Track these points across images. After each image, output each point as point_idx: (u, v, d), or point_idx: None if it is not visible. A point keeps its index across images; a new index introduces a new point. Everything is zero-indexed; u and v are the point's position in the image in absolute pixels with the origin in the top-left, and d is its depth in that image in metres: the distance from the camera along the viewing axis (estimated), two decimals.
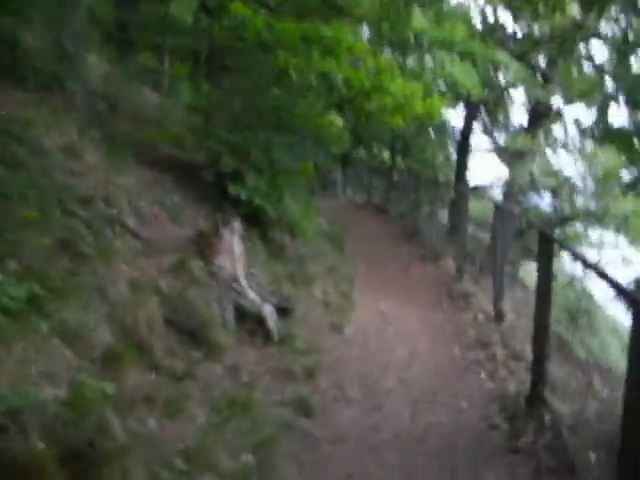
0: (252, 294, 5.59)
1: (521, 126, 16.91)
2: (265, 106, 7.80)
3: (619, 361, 7.61)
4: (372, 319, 7.94)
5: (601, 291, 5.98)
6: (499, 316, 7.25)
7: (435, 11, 11.65)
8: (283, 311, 6.14)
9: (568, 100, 12.55)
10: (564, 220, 11.87)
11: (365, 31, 11.38)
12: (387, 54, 11.05)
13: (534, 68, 12.94)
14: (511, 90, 15.05)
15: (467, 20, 12.25)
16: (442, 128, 19.35)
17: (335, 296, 8.23)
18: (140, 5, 12.50)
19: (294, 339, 5.93)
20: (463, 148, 16.56)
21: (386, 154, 24.90)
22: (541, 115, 13.01)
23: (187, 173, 8.03)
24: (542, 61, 12.97)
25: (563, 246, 5.82)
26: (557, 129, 15.10)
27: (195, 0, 13.09)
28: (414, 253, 12.36)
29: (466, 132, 16.33)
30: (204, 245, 5.39)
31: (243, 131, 7.91)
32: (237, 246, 5.52)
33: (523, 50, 12.28)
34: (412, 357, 6.45)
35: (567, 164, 14.11)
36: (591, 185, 10.00)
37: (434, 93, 9.17)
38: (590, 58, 12.52)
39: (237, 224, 5.60)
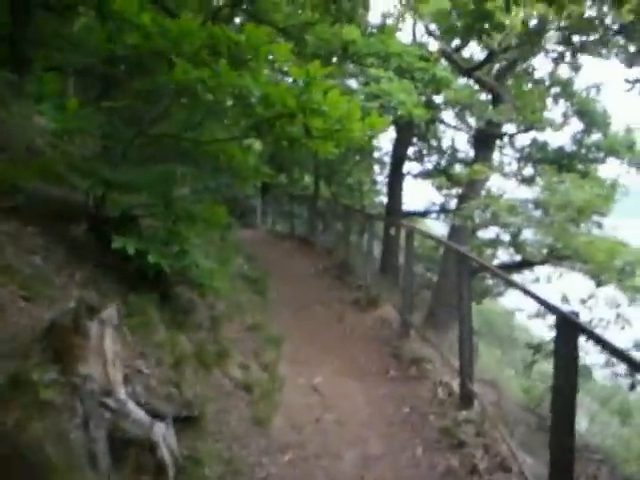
0: (136, 410, 3.79)
1: (453, 150, 15.81)
2: (162, 133, 6.06)
3: None
4: (306, 401, 6.27)
5: None
6: (468, 396, 5.70)
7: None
8: (185, 422, 4.37)
9: (520, 121, 11.37)
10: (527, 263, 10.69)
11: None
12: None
13: (483, 84, 11.76)
14: (448, 110, 13.84)
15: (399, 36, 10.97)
16: (369, 152, 18.02)
17: (257, 373, 6.50)
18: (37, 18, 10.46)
19: (200, 465, 4.17)
20: (395, 173, 15.19)
21: (309, 179, 23.41)
22: (490, 138, 11.78)
23: (60, 221, 6.14)
24: (490, 77, 11.80)
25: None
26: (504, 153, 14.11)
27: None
28: (346, 297, 10.78)
29: (398, 156, 14.98)
30: (60, 346, 3.57)
31: (134, 164, 6.12)
32: (110, 344, 3.72)
33: (469, 66, 11.08)
34: (364, 468, 4.79)
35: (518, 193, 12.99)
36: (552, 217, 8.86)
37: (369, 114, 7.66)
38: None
39: (111, 310, 3.81)
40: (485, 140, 11.76)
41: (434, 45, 12.54)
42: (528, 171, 14.81)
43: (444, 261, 11.37)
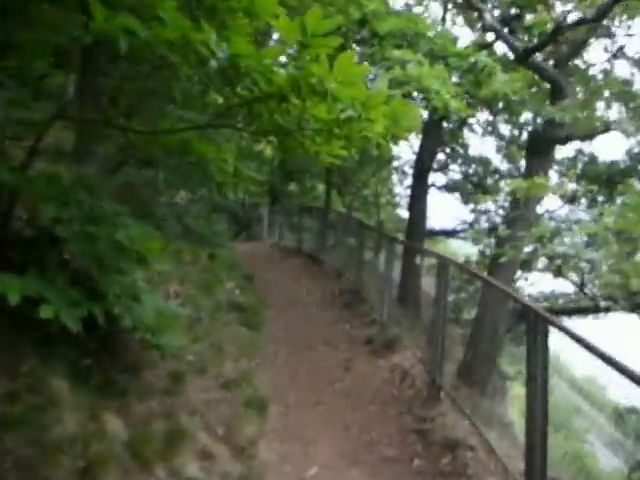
0: None
1: (486, 159, 13.86)
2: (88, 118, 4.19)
3: None
4: None
5: None
6: None
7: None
8: None
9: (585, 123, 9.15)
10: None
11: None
12: None
13: (542, 73, 9.65)
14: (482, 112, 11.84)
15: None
16: (388, 160, 16.11)
17: (227, 463, 4.59)
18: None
19: None
20: (419, 185, 13.17)
21: (321, 189, 21.51)
22: (549, 143, 9.66)
23: None
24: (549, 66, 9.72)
25: None
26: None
27: None
28: (357, 335, 8.84)
29: (423, 165, 12.99)
30: None
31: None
32: None
33: (525, 47, 9.01)
34: None
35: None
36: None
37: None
38: None
39: None
40: (541, 146, 9.66)
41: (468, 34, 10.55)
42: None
43: (484, 300, 9.34)
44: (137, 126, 4.12)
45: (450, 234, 15.77)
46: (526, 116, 14.03)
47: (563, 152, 13.69)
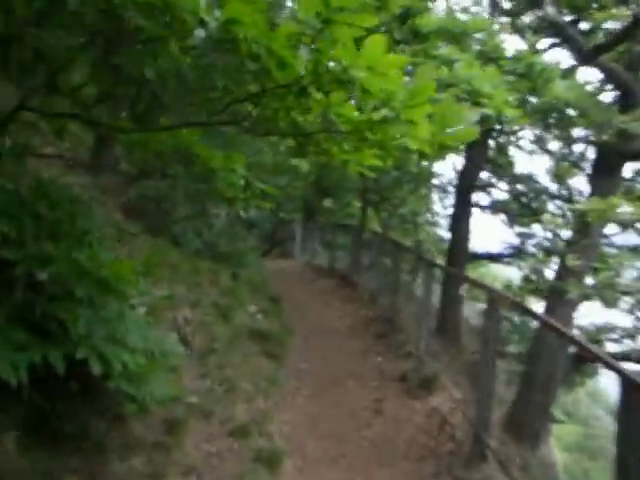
0: None
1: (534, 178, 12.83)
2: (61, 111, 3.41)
3: None
4: None
5: None
6: None
7: None
8: None
9: None
10: None
11: None
12: None
13: (611, 76, 8.59)
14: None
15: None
16: (427, 177, 15.19)
17: None
18: None
19: None
20: (462, 204, 12.18)
21: (357, 205, 20.64)
22: (619, 159, 8.53)
23: None
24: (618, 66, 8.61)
25: None
26: None
27: None
28: (390, 369, 7.92)
29: (467, 182, 12.01)
30: None
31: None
32: None
33: (594, 45, 7.97)
34: None
35: None
36: None
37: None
38: None
39: None
40: (610, 162, 8.56)
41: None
42: None
43: (540, 342, 8.24)
44: (121, 123, 3.34)
45: (495, 259, 14.66)
46: (579, 131, 13.02)
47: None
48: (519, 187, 13.48)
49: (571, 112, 8.15)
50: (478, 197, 13.67)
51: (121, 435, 3.90)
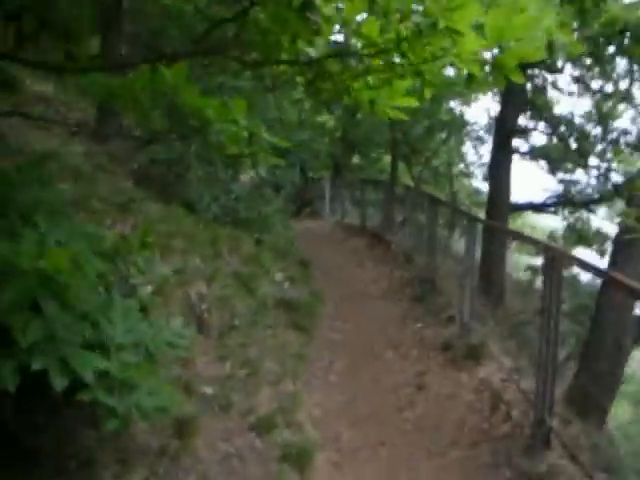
0: None
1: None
2: None
3: None
4: None
5: None
6: None
7: None
8: None
9: None
10: None
11: None
12: None
13: None
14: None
15: None
16: (460, 126, 14.20)
17: None
18: None
19: None
20: (501, 151, 11.20)
21: (387, 160, 19.70)
22: None
23: None
24: None
25: None
26: None
27: None
28: (431, 337, 7.20)
29: (505, 128, 11.01)
30: None
31: None
32: None
33: None
34: None
35: None
36: None
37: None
38: None
39: None
40: None
41: None
42: None
43: (604, 303, 7.33)
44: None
45: (538, 208, 13.64)
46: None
47: None
48: (561, 130, 12.42)
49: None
50: (517, 143, 12.67)
51: (116, 446, 3.28)
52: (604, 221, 13.08)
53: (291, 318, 7.15)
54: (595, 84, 13.69)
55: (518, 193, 13.43)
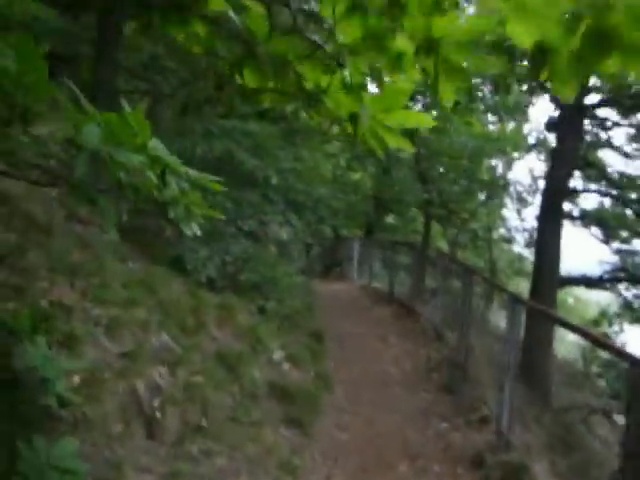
0: None
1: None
2: None
3: None
4: None
5: None
6: None
7: None
8: None
9: None
10: None
11: None
12: None
13: None
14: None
15: None
16: (502, 185, 12.89)
17: None
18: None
19: None
20: (550, 216, 9.73)
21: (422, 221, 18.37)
22: None
23: None
24: None
25: None
26: None
27: None
28: (459, 446, 5.71)
29: (554, 189, 9.58)
30: None
31: None
32: None
33: None
34: None
35: None
36: None
37: None
38: None
39: None
40: None
41: None
42: None
43: None
44: None
45: (593, 284, 11.84)
46: None
47: None
48: (615, 193, 10.99)
49: None
50: (566, 206, 11.22)
51: None
52: None
53: (286, 411, 5.81)
54: None
55: (566, 263, 11.87)
